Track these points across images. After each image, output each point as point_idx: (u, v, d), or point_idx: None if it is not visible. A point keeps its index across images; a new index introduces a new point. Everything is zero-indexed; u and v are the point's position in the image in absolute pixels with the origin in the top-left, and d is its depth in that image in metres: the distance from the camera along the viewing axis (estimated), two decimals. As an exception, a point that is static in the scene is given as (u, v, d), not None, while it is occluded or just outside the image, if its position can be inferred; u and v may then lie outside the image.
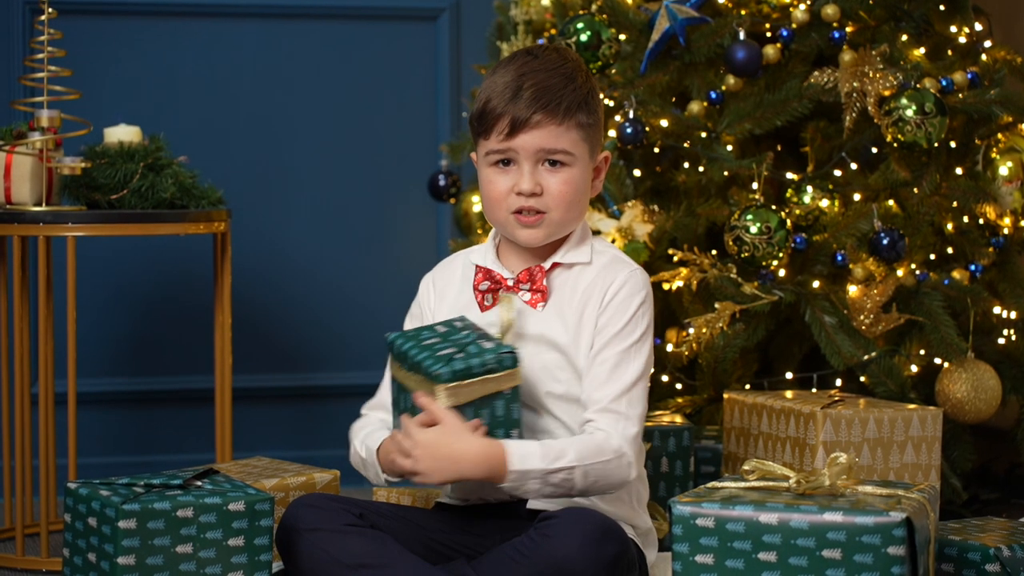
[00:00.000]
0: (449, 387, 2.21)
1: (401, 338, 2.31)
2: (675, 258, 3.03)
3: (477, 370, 2.23)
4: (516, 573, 2.15)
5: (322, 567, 2.22)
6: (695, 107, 3.13)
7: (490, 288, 2.37)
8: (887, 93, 3.04)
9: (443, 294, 2.44)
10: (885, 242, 3.02)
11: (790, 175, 3.13)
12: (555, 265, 2.38)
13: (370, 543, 2.23)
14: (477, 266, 2.40)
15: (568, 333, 2.34)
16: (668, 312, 3.13)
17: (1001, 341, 3.18)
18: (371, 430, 2.40)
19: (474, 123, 2.36)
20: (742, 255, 2.96)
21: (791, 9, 3.15)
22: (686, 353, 3.01)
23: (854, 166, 3.15)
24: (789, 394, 2.80)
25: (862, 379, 3.02)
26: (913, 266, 3.10)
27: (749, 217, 2.94)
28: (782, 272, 3.07)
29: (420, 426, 2.23)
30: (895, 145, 3.03)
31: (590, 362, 2.32)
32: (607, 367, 2.31)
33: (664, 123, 3.11)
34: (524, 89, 2.30)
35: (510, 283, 2.37)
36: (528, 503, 2.32)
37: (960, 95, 3.14)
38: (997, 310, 3.18)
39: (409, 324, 2.46)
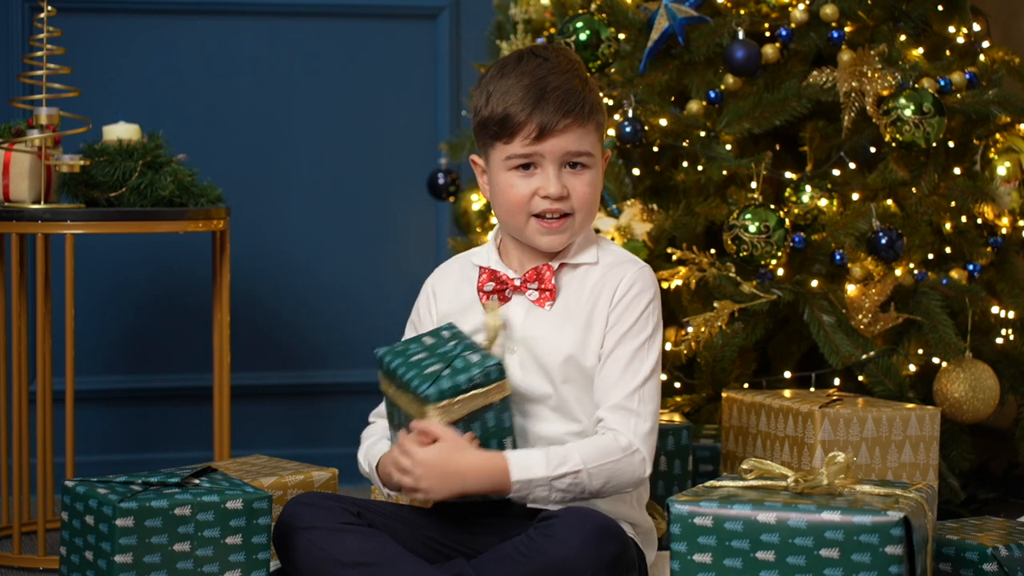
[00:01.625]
0: (439, 406, 2.21)
1: (389, 355, 2.30)
2: (674, 257, 3.03)
3: (464, 386, 2.22)
4: (516, 572, 2.15)
5: (319, 565, 2.22)
6: (694, 106, 3.14)
7: (496, 289, 2.37)
8: (885, 93, 3.04)
9: (442, 295, 2.44)
10: (883, 241, 3.02)
11: (789, 174, 3.13)
12: (562, 265, 2.38)
13: (367, 541, 2.23)
14: (481, 267, 2.39)
15: (576, 333, 2.35)
16: (667, 311, 3.12)
17: (999, 341, 3.18)
18: (375, 440, 2.42)
19: (491, 127, 2.33)
20: (741, 254, 2.96)
21: (790, 9, 3.15)
22: (685, 352, 3.01)
23: (852, 166, 3.15)
24: (787, 393, 2.80)
25: (860, 378, 3.02)
26: (911, 266, 3.11)
27: (748, 216, 2.94)
28: (781, 271, 3.07)
29: (418, 444, 2.23)
30: (893, 145, 3.03)
31: (602, 361, 2.33)
32: (619, 365, 2.32)
33: (663, 122, 3.11)
34: (549, 92, 2.30)
35: (517, 283, 2.37)
36: (528, 503, 2.32)
37: (958, 95, 3.14)
38: (995, 310, 3.19)
39: (408, 332, 2.46)
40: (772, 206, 2.96)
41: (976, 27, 3.29)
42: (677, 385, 3.15)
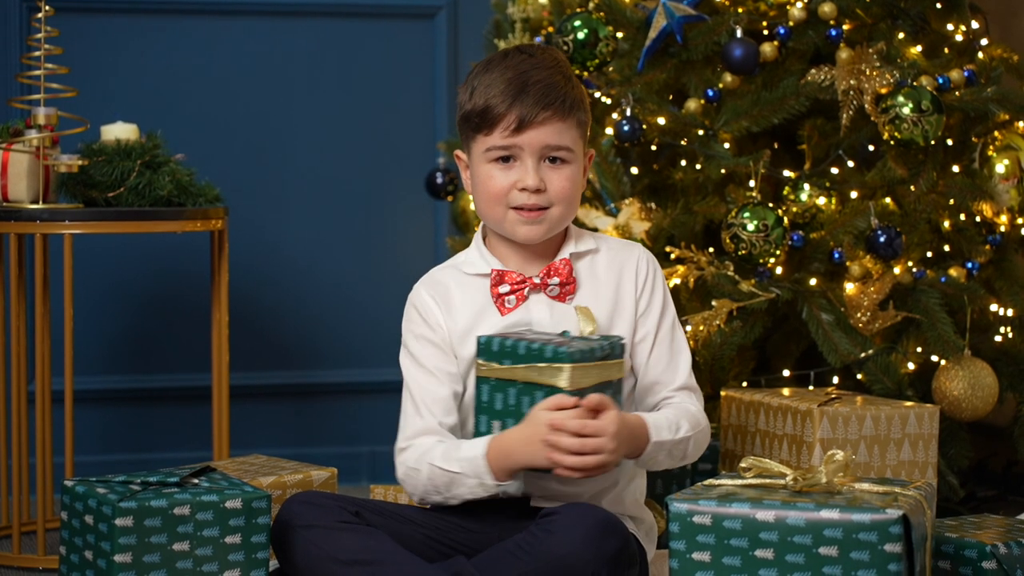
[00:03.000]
0: (577, 367, 2.21)
1: (498, 337, 2.27)
2: (672, 256, 3.03)
3: (598, 353, 2.24)
4: (517, 569, 2.15)
5: (317, 564, 2.22)
6: (692, 105, 3.14)
7: (512, 290, 2.37)
8: (884, 91, 3.04)
9: (449, 306, 2.39)
10: (882, 240, 3.02)
11: (787, 173, 3.13)
12: (571, 257, 2.40)
13: (366, 540, 2.23)
14: (494, 270, 2.38)
15: (605, 319, 2.38)
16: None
17: (998, 338, 3.18)
18: (443, 449, 2.30)
19: (473, 119, 2.35)
20: (739, 252, 2.96)
21: (788, 7, 3.15)
22: (683, 351, 3.01)
23: (851, 164, 3.15)
24: (786, 391, 2.80)
25: (859, 376, 3.02)
26: (910, 264, 3.10)
27: (746, 215, 2.94)
28: (779, 270, 3.07)
29: (587, 416, 2.20)
30: (892, 143, 3.03)
31: (649, 345, 2.40)
32: (666, 346, 2.41)
33: (661, 121, 3.11)
34: (530, 86, 2.32)
35: (536, 280, 2.37)
36: (532, 501, 2.32)
37: (957, 93, 3.14)
38: (994, 307, 3.18)
39: (421, 346, 2.38)
40: (770, 204, 2.96)
41: (975, 25, 3.29)
42: (676, 384, 3.15)
